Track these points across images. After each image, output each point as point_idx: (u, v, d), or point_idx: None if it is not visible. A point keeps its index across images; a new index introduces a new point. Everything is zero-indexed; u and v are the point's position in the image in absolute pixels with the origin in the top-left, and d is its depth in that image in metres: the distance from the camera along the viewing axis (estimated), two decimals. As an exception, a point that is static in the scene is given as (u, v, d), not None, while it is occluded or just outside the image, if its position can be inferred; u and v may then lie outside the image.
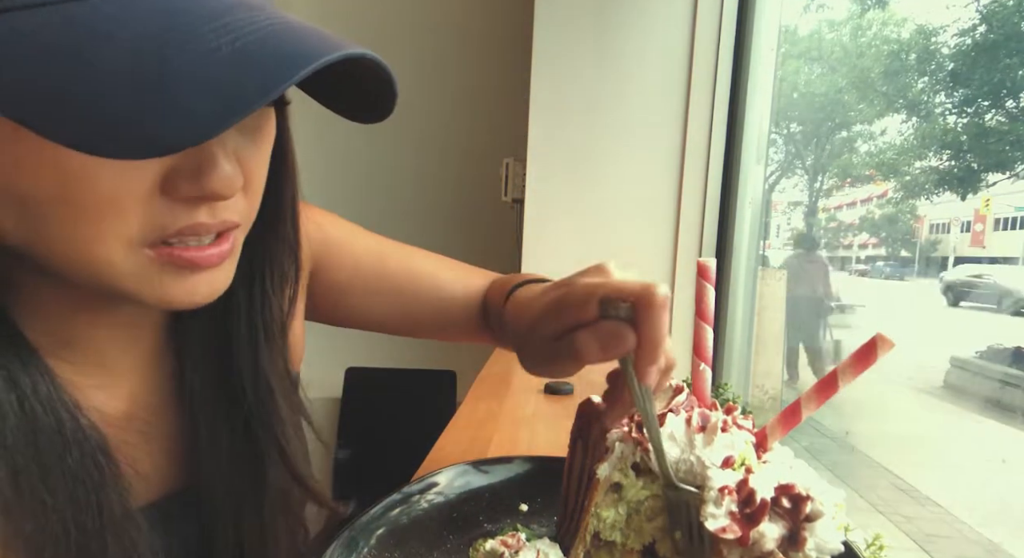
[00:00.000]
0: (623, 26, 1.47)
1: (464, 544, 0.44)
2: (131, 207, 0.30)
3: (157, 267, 0.33)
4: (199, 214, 0.32)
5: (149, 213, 0.31)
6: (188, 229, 0.32)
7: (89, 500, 0.34)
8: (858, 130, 4.97)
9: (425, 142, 2.13)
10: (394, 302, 0.63)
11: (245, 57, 0.26)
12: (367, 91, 0.34)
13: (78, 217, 0.30)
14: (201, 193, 0.31)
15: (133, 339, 0.42)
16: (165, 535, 0.41)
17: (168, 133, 0.25)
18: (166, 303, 0.34)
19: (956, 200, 3.50)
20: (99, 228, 0.30)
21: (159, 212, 0.31)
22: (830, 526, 0.29)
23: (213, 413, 0.44)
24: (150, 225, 0.31)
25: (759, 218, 1.54)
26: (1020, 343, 3.57)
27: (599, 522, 0.36)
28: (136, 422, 0.42)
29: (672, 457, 0.32)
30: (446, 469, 0.49)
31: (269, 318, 0.44)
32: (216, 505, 0.44)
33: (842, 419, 3.43)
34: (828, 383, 0.30)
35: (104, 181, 0.29)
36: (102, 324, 0.40)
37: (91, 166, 0.29)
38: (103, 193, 0.29)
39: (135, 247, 0.32)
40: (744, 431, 0.32)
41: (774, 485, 0.29)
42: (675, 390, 0.35)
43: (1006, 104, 2.77)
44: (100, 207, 0.30)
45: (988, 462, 3.09)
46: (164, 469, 0.44)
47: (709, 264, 0.36)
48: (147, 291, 0.33)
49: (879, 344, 0.28)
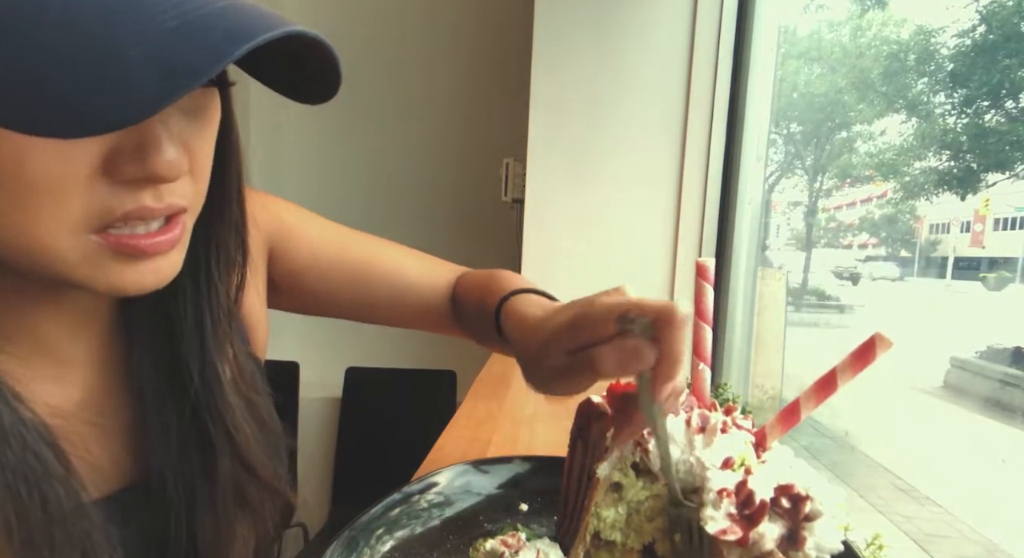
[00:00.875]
0: (623, 26, 1.47)
1: (464, 544, 0.44)
2: (71, 191, 0.29)
3: (104, 254, 0.32)
4: (144, 197, 0.31)
5: (91, 197, 0.30)
6: (134, 213, 0.31)
7: (31, 494, 0.33)
8: (858, 130, 4.97)
9: (425, 142, 2.13)
10: (355, 288, 0.63)
11: (189, 32, 0.25)
12: (311, 73, 0.33)
13: (16, 203, 0.28)
14: (145, 174, 0.30)
15: (82, 328, 0.41)
16: (124, 527, 0.40)
17: (108, 110, 0.24)
18: (116, 290, 0.33)
19: (956, 200, 3.50)
20: (39, 214, 0.29)
21: (102, 196, 0.30)
22: (830, 525, 0.29)
23: (161, 401, 0.43)
24: (93, 210, 0.30)
25: (759, 218, 1.54)
26: (1020, 343, 3.57)
27: (599, 522, 0.36)
28: (88, 413, 0.41)
29: (672, 458, 0.32)
30: (446, 469, 0.49)
31: (216, 303, 0.43)
32: (167, 497, 0.43)
33: (841, 419, 3.43)
34: (827, 382, 0.30)
35: (40, 163, 0.28)
36: (48, 314, 0.38)
37: (26, 146, 0.27)
38: (40, 176, 0.28)
39: (80, 233, 0.30)
40: (743, 431, 0.32)
41: (773, 485, 0.29)
42: None
43: (1006, 104, 2.77)
44: (38, 192, 0.28)
45: (988, 462, 3.09)
46: (120, 460, 0.43)
47: (708, 264, 0.36)
48: (95, 278, 0.32)
49: (878, 343, 0.28)
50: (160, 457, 0.43)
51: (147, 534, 0.43)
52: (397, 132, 2.14)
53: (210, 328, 0.43)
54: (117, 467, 0.42)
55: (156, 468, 0.43)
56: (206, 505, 0.44)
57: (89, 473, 0.38)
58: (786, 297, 2.62)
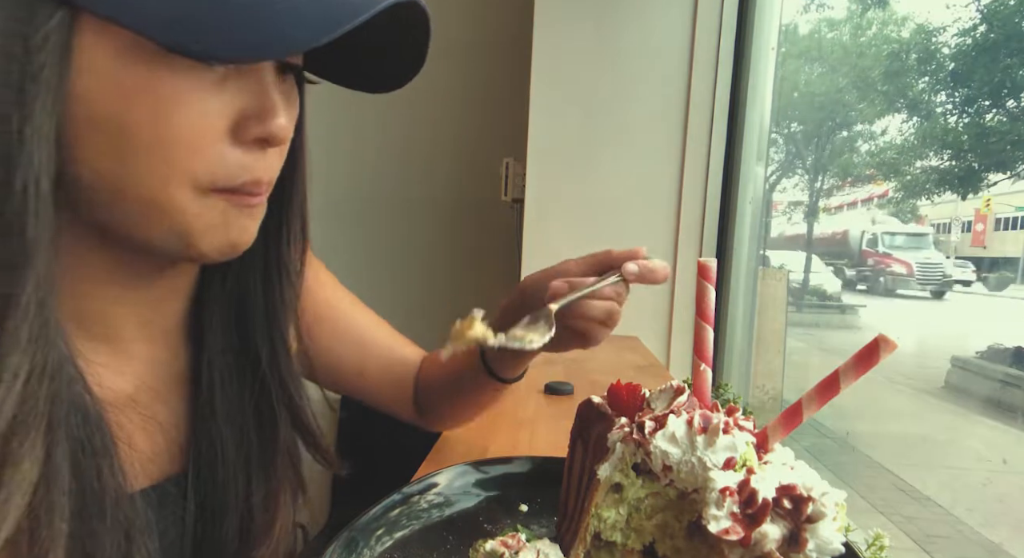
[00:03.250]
0: (623, 26, 1.47)
1: (464, 544, 0.44)
2: (205, 147, 0.34)
3: (215, 213, 0.36)
4: (257, 168, 0.36)
5: (219, 156, 0.34)
6: (249, 185, 0.36)
7: (88, 469, 0.35)
8: (859, 130, 4.97)
9: (425, 142, 2.13)
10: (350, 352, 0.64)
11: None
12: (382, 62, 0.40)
13: (152, 156, 0.32)
14: (265, 134, 0.35)
15: (148, 322, 0.43)
16: (161, 514, 0.42)
17: (285, 37, 0.30)
18: (212, 248, 0.37)
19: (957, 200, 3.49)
20: (172, 167, 0.33)
21: (227, 157, 0.35)
22: (831, 527, 0.29)
23: (228, 382, 0.46)
24: (219, 168, 0.35)
25: (759, 218, 1.54)
26: (1020, 343, 3.56)
27: (599, 522, 0.36)
28: (137, 406, 0.42)
29: (674, 458, 0.32)
30: (446, 469, 0.49)
31: (286, 279, 0.46)
32: (221, 476, 0.45)
33: (843, 420, 3.43)
34: (829, 384, 0.29)
35: (183, 118, 0.32)
36: (127, 301, 0.41)
37: (172, 102, 0.32)
38: (181, 131, 0.32)
39: (200, 189, 0.35)
40: (745, 433, 0.32)
41: (775, 485, 0.29)
42: (676, 391, 0.35)
43: (1007, 104, 2.77)
44: (176, 145, 0.33)
45: (988, 462, 3.09)
46: (161, 453, 0.44)
47: (710, 264, 0.36)
48: (199, 239, 0.36)
49: (881, 345, 0.28)
50: (218, 438, 0.46)
51: (177, 525, 0.45)
52: (397, 132, 2.14)
53: (280, 303, 0.46)
54: (158, 459, 0.44)
55: (210, 450, 0.45)
56: (261, 477, 0.47)
57: (132, 462, 0.39)
58: (787, 297, 2.62)
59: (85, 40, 0.31)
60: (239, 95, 0.35)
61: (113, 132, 0.32)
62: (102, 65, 0.31)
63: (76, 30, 0.31)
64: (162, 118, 0.32)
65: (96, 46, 0.31)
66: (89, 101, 0.32)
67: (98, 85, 0.31)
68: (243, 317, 0.46)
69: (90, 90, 0.31)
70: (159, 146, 0.32)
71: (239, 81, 0.35)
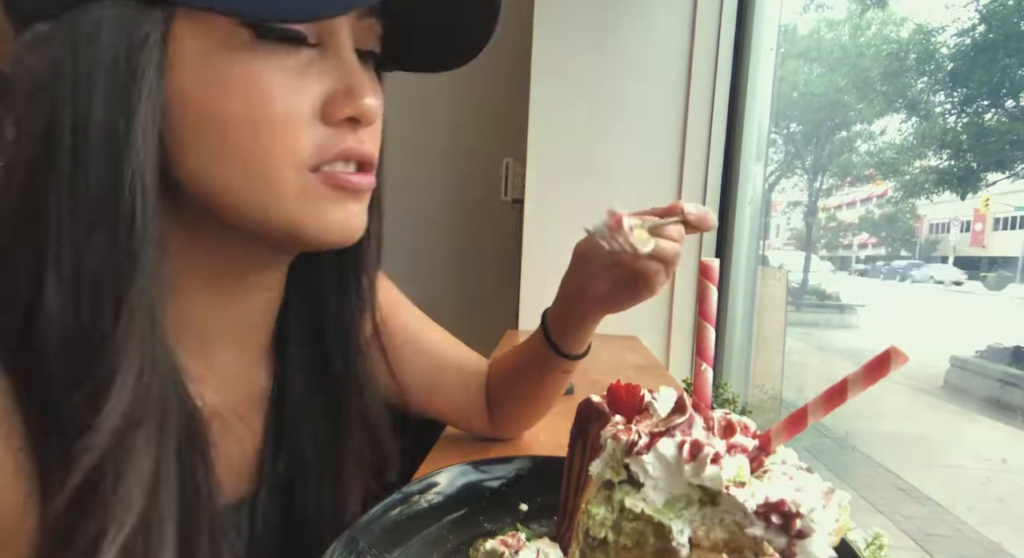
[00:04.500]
0: (623, 26, 1.47)
1: (464, 544, 0.44)
2: (300, 127, 0.35)
3: (320, 190, 0.37)
4: (349, 139, 0.37)
5: (313, 135, 0.35)
6: (344, 152, 0.37)
7: (189, 470, 0.36)
8: (858, 130, 4.97)
9: (425, 142, 2.13)
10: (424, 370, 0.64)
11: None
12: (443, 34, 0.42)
13: (256, 138, 0.34)
14: (355, 113, 0.36)
15: (238, 337, 0.44)
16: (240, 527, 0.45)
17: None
18: (324, 231, 0.37)
19: (956, 200, 3.50)
20: (274, 148, 0.34)
21: (320, 135, 0.36)
22: (822, 542, 0.29)
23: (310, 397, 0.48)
24: (314, 147, 0.36)
25: (759, 218, 1.54)
26: (1020, 343, 3.57)
27: (589, 519, 0.35)
28: (217, 422, 0.42)
29: (660, 480, 0.32)
30: (446, 469, 0.49)
31: (365, 292, 0.48)
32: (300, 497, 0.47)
33: (842, 419, 3.43)
34: (837, 392, 0.29)
35: (279, 100, 0.34)
36: (221, 314, 0.42)
37: (272, 85, 0.33)
38: (279, 112, 0.34)
39: (301, 170, 0.35)
40: (739, 455, 0.32)
41: (758, 502, 0.29)
42: (677, 407, 0.35)
43: (1006, 104, 2.77)
44: (275, 126, 0.34)
45: (988, 461, 3.09)
46: (235, 471, 0.45)
47: (712, 264, 0.36)
48: (307, 215, 0.36)
49: (893, 357, 0.27)
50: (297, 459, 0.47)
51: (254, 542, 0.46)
52: (397, 132, 2.14)
53: (355, 318, 0.48)
54: (233, 475, 0.45)
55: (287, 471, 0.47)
56: (333, 486, 0.48)
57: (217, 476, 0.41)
58: (786, 297, 2.62)
59: (180, 37, 0.32)
60: (325, 77, 0.36)
61: (209, 126, 0.33)
62: (196, 60, 0.32)
63: (172, 27, 0.32)
64: (256, 104, 0.33)
65: (190, 42, 0.32)
66: (185, 97, 0.33)
67: (193, 80, 0.33)
68: (322, 336, 0.48)
69: (185, 86, 0.33)
70: (256, 134, 0.34)
71: (323, 64, 0.36)
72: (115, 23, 0.31)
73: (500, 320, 1.62)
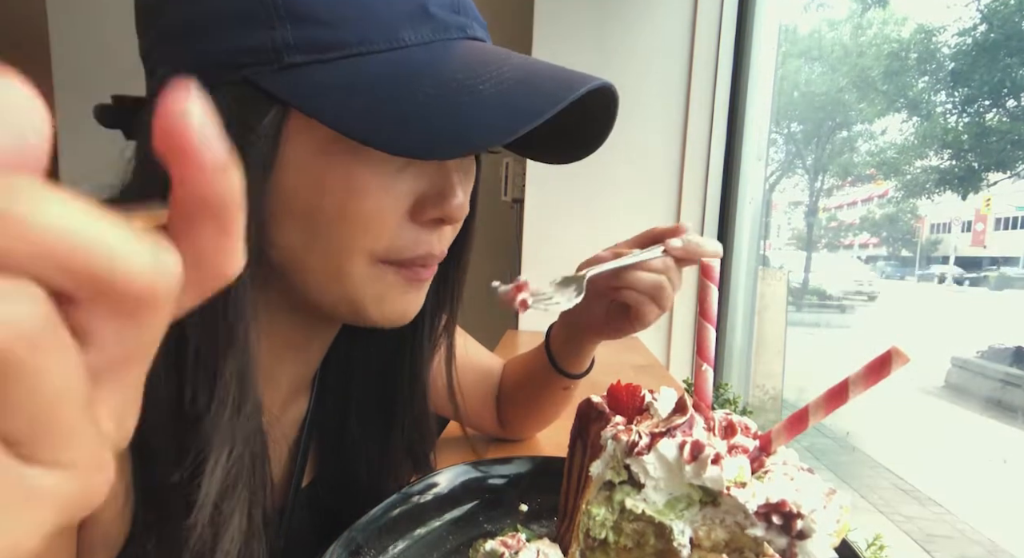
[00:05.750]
0: (623, 25, 1.47)
1: (464, 544, 0.44)
2: (386, 226, 0.36)
3: (387, 280, 0.38)
4: (433, 242, 0.38)
5: (397, 234, 0.36)
6: (422, 259, 0.38)
7: (258, 489, 0.37)
8: (859, 129, 4.96)
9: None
10: None
11: (525, 88, 0.33)
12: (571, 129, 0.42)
13: (341, 230, 0.35)
14: (443, 215, 0.37)
15: (295, 375, 0.47)
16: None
17: (474, 137, 0.31)
18: (382, 316, 0.39)
19: (957, 199, 3.49)
20: (354, 241, 0.35)
21: (405, 236, 0.37)
22: (823, 543, 0.28)
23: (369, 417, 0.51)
24: (395, 244, 0.37)
25: (759, 218, 1.54)
26: (1020, 343, 3.56)
27: (589, 519, 0.35)
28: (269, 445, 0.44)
29: (660, 481, 0.32)
30: (446, 469, 0.49)
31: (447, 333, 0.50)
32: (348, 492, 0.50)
33: (843, 419, 3.43)
34: (838, 393, 0.29)
35: (372, 199, 0.35)
36: (288, 360, 0.45)
37: (370, 184, 0.34)
38: (371, 210, 0.35)
39: (375, 263, 0.37)
40: (740, 456, 0.32)
41: (759, 503, 0.29)
42: (678, 407, 0.35)
43: (1007, 103, 2.77)
44: (366, 222, 0.35)
45: (989, 462, 3.09)
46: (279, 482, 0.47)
47: (713, 264, 0.36)
48: (371, 305, 0.38)
49: (894, 358, 0.27)
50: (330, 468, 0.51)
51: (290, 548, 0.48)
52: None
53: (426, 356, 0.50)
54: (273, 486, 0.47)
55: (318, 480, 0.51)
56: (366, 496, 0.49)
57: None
58: (787, 297, 2.62)
59: (291, 135, 0.33)
60: (420, 178, 0.37)
61: (303, 215, 0.35)
62: (303, 159, 0.34)
63: (284, 126, 0.33)
64: (351, 203, 0.34)
65: (299, 141, 0.33)
66: (286, 189, 0.34)
67: (296, 176, 0.34)
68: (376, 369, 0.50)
69: (289, 180, 0.34)
70: (344, 226, 0.35)
71: (421, 165, 0.37)
72: (231, 111, 0.32)
73: (500, 320, 1.62)
